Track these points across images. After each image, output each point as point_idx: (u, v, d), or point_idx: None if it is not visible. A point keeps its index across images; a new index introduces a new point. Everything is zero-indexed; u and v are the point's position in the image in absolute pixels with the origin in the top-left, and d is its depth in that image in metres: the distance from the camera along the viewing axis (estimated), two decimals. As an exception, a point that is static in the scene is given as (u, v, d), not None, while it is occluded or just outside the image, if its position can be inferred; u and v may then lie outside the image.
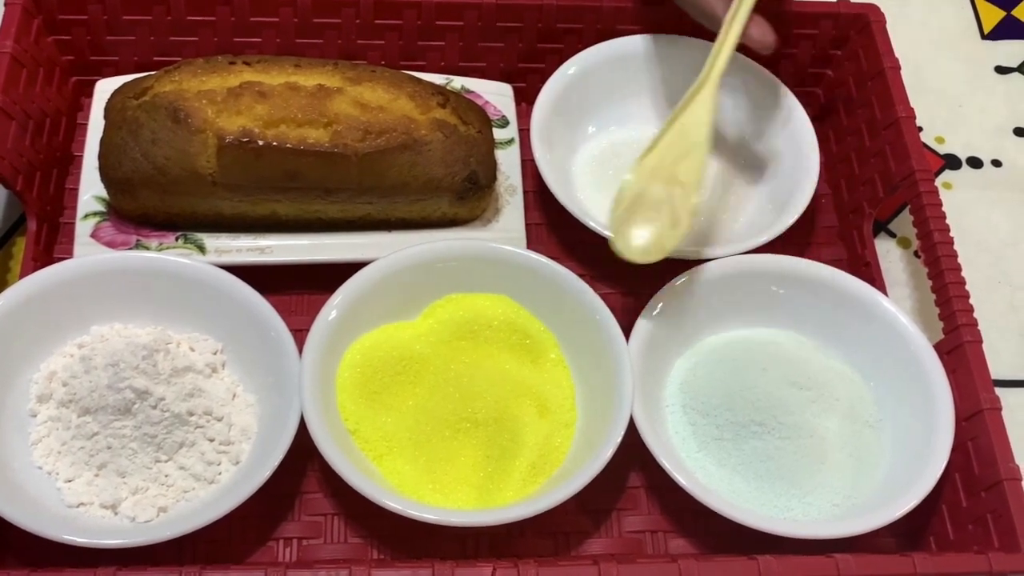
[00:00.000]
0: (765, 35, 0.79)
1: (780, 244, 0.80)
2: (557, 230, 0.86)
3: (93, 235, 0.79)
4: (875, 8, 0.89)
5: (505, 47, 0.90)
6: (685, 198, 0.75)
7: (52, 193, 0.83)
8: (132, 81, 0.80)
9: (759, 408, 0.74)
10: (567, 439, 0.74)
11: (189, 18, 0.86)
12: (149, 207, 0.78)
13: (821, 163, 0.85)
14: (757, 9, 0.79)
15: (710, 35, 0.88)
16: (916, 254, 0.90)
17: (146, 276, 0.75)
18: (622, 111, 0.90)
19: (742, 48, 0.89)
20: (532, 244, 0.83)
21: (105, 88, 0.84)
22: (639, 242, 0.75)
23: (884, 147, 0.84)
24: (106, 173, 0.78)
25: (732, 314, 0.80)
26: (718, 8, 0.79)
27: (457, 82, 0.90)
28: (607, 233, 0.78)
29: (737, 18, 0.78)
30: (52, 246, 0.81)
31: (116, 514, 0.68)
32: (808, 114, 0.87)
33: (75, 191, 0.82)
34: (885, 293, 0.82)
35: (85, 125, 0.85)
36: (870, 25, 0.88)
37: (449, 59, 0.90)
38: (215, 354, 0.75)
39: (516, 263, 0.77)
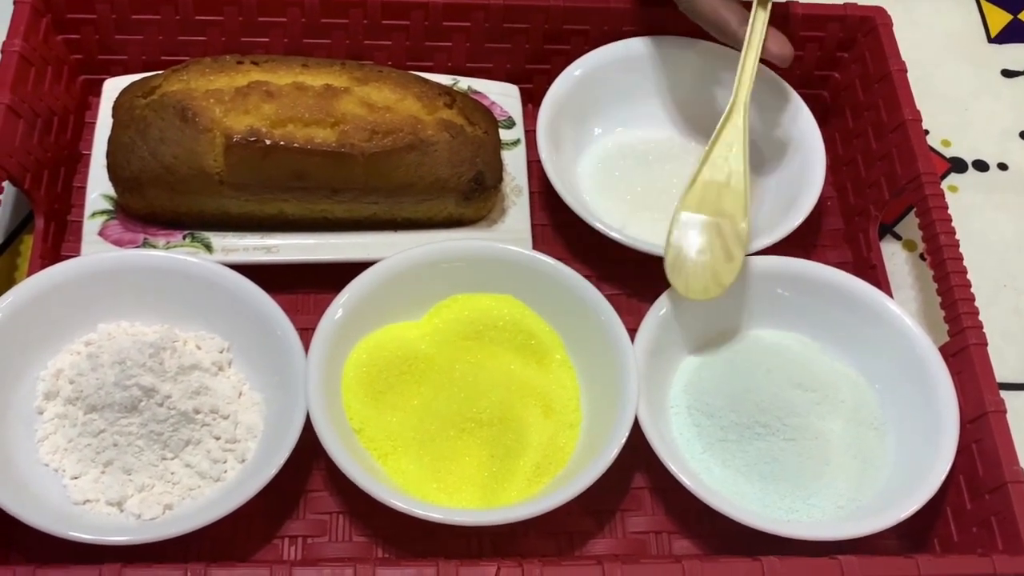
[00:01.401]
0: (783, 48, 0.80)
1: (786, 246, 0.80)
2: (563, 231, 0.86)
3: (100, 233, 0.79)
4: (882, 11, 0.89)
5: (512, 48, 0.90)
6: (734, 229, 0.76)
7: (60, 191, 0.83)
8: (140, 80, 0.80)
9: (764, 410, 0.74)
10: (572, 439, 0.74)
11: (197, 18, 0.86)
12: (156, 206, 0.79)
13: (827, 166, 0.85)
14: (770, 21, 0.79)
15: (716, 37, 0.89)
16: (922, 257, 0.90)
17: (153, 274, 0.75)
18: (628, 113, 0.90)
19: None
20: (538, 245, 0.83)
21: (113, 87, 0.84)
22: (698, 281, 0.75)
23: (890, 150, 0.84)
24: (114, 172, 0.78)
25: (737, 316, 0.80)
26: (731, 22, 0.80)
27: (464, 83, 0.90)
28: (613, 234, 0.79)
29: (754, 39, 0.79)
30: (60, 244, 0.82)
31: (122, 511, 0.69)
32: (814, 116, 0.87)
33: (83, 189, 0.82)
34: (890, 296, 0.82)
35: (93, 124, 0.85)
36: (877, 28, 0.88)
37: (456, 60, 0.90)
38: (221, 352, 0.75)
39: (522, 264, 0.78)
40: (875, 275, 0.84)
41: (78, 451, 0.70)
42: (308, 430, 0.69)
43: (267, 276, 0.76)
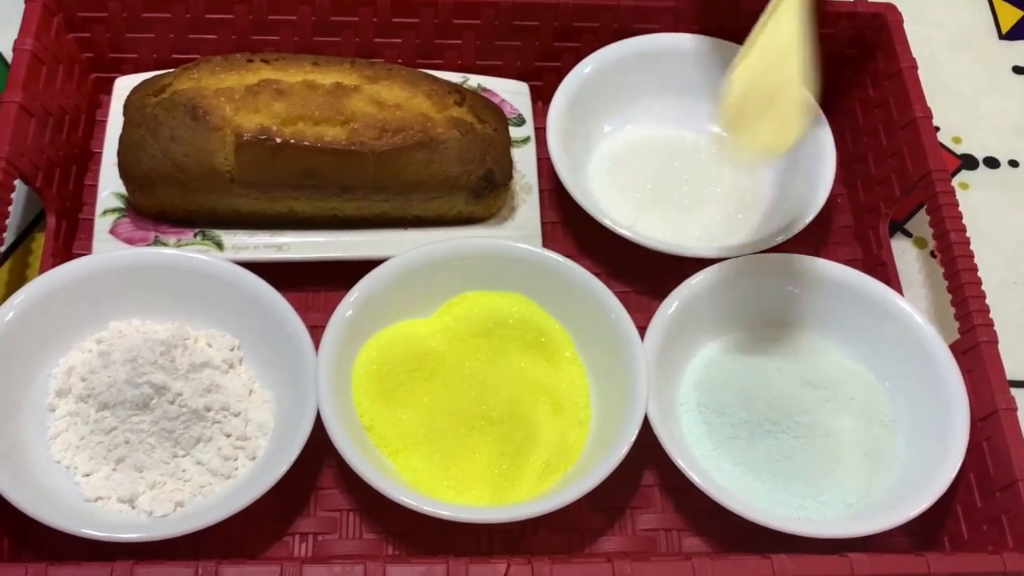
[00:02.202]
0: None
1: (796, 243, 0.80)
2: (572, 228, 0.86)
3: (112, 231, 0.80)
4: (892, 8, 0.89)
5: (522, 46, 0.90)
6: (794, 93, 0.71)
7: (71, 190, 0.83)
8: (151, 79, 0.81)
9: (774, 407, 0.74)
10: (581, 437, 0.74)
11: (207, 16, 0.86)
12: (167, 204, 0.79)
13: (837, 163, 0.85)
14: None
15: (727, 33, 0.89)
16: (932, 254, 0.90)
17: (164, 272, 0.75)
18: (638, 110, 0.90)
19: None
20: (547, 242, 0.83)
21: (124, 85, 0.84)
22: (762, 139, 0.72)
23: (901, 147, 0.84)
24: (125, 170, 0.78)
25: (747, 313, 0.80)
26: None
27: (474, 80, 0.90)
28: (622, 231, 0.79)
29: None
30: (71, 242, 0.82)
31: (133, 508, 0.69)
32: (824, 113, 0.87)
33: (94, 188, 0.82)
34: (901, 293, 0.82)
35: (104, 122, 0.85)
36: (887, 24, 0.88)
37: (466, 57, 0.90)
38: (232, 350, 0.75)
39: (531, 261, 0.78)
40: (885, 272, 0.84)
41: (90, 448, 0.70)
42: (318, 427, 0.69)
43: (278, 274, 0.76)
